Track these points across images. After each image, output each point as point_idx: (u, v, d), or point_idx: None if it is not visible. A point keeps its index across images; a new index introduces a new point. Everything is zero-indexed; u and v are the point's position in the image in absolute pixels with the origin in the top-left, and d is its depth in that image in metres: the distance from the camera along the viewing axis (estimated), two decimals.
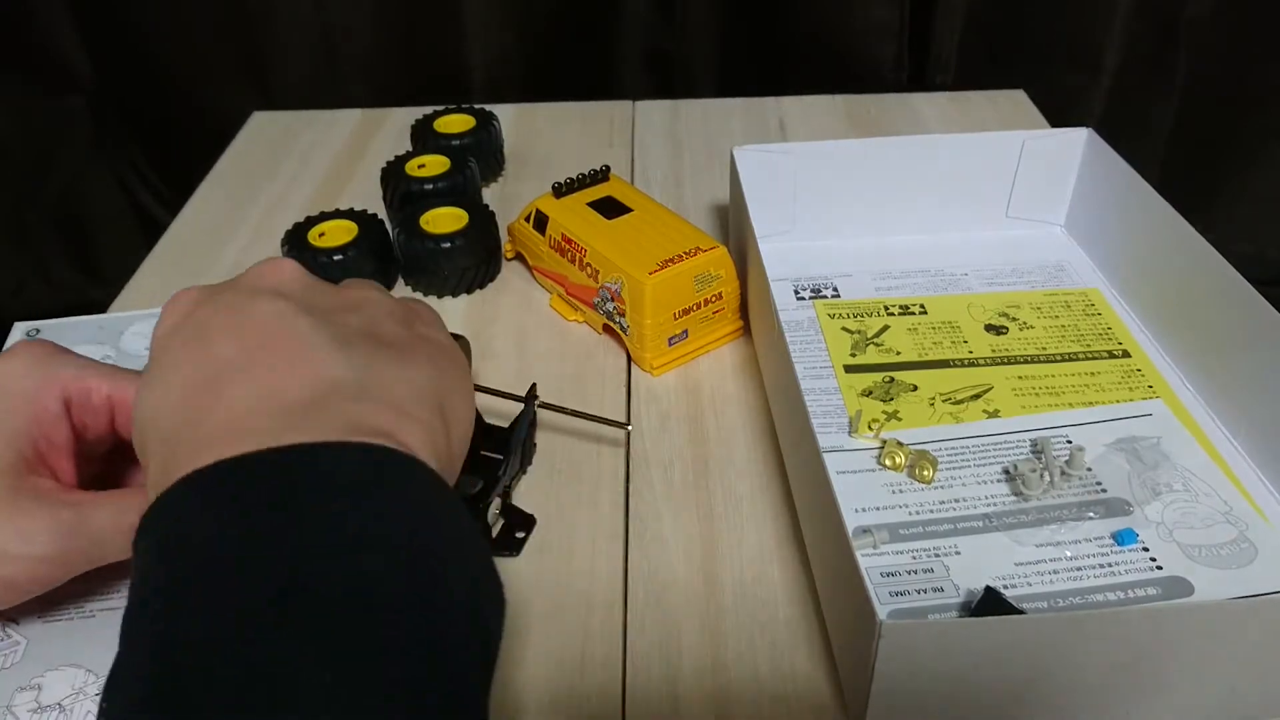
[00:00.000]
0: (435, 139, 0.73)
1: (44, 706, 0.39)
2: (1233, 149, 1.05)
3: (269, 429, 0.27)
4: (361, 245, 0.60)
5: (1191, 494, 0.47)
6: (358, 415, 0.28)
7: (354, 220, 0.62)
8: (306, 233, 0.61)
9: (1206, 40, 0.97)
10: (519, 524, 0.47)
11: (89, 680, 0.39)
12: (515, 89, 0.97)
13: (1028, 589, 0.43)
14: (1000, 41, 0.97)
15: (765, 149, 0.62)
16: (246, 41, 0.97)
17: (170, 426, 0.29)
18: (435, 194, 0.65)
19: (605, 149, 0.81)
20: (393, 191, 0.66)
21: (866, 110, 0.85)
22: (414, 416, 0.30)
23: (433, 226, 0.62)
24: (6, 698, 0.39)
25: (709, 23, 0.97)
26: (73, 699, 0.39)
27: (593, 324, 0.60)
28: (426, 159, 0.68)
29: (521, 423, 0.48)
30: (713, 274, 0.56)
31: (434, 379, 0.32)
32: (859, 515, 0.46)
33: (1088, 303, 0.60)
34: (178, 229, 0.72)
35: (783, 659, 0.41)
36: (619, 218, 0.59)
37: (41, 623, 0.41)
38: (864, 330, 0.58)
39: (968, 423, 0.52)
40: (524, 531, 0.46)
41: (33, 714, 0.38)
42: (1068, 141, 0.64)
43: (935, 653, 0.34)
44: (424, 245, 0.61)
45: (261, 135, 0.85)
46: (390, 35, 0.97)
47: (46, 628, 0.41)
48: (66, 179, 1.05)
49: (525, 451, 0.50)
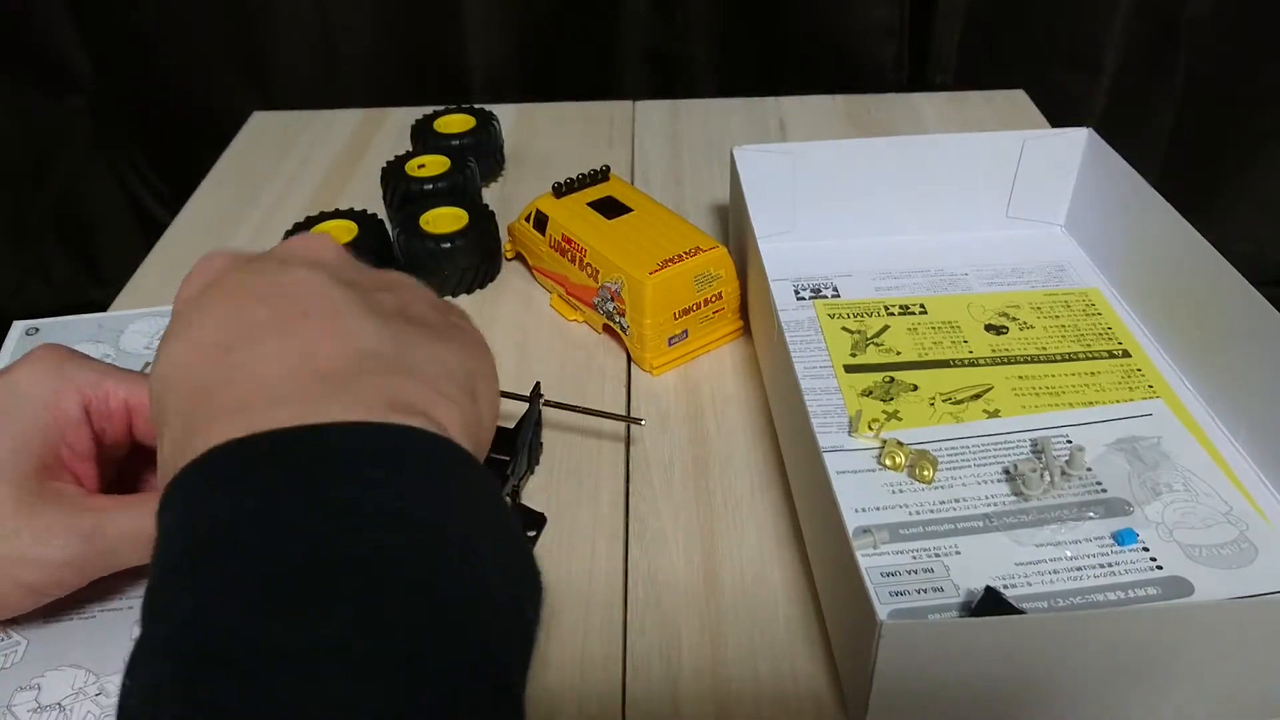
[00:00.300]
0: (435, 139, 0.73)
1: (44, 706, 0.39)
2: (1233, 149, 1.05)
3: (301, 396, 0.26)
4: (361, 245, 0.60)
5: (1192, 494, 0.47)
6: (392, 389, 0.27)
7: (354, 220, 0.62)
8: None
9: (1206, 40, 0.97)
10: (530, 523, 0.47)
11: (89, 680, 0.39)
12: (515, 89, 0.97)
13: (1028, 589, 0.43)
14: (1000, 41, 0.97)
15: (765, 149, 0.62)
16: (246, 41, 0.97)
17: (195, 385, 0.28)
18: (435, 194, 0.65)
19: (605, 149, 0.81)
20: (393, 191, 0.66)
21: (866, 110, 0.85)
22: (448, 395, 0.29)
23: (433, 226, 0.62)
24: (6, 698, 0.39)
25: (709, 23, 0.97)
26: (72, 699, 0.39)
27: (593, 324, 0.60)
28: (426, 159, 0.68)
29: (528, 422, 0.48)
30: (713, 274, 0.56)
31: (465, 362, 0.31)
32: (859, 515, 0.46)
33: (1088, 302, 0.60)
34: (178, 229, 0.72)
35: (783, 659, 0.41)
36: (619, 218, 0.59)
37: (41, 623, 0.41)
38: (864, 330, 0.58)
39: (968, 422, 0.52)
40: (535, 530, 0.46)
41: (32, 714, 0.38)
42: (1068, 142, 0.64)
43: (936, 653, 0.34)
44: (424, 245, 0.61)
45: (261, 135, 0.85)
46: (390, 35, 0.97)
47: (46, 629, 0.41)
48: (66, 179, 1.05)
49: (532, 451, 0.50)
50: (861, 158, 0.64)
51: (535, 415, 0.49)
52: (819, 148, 0.64)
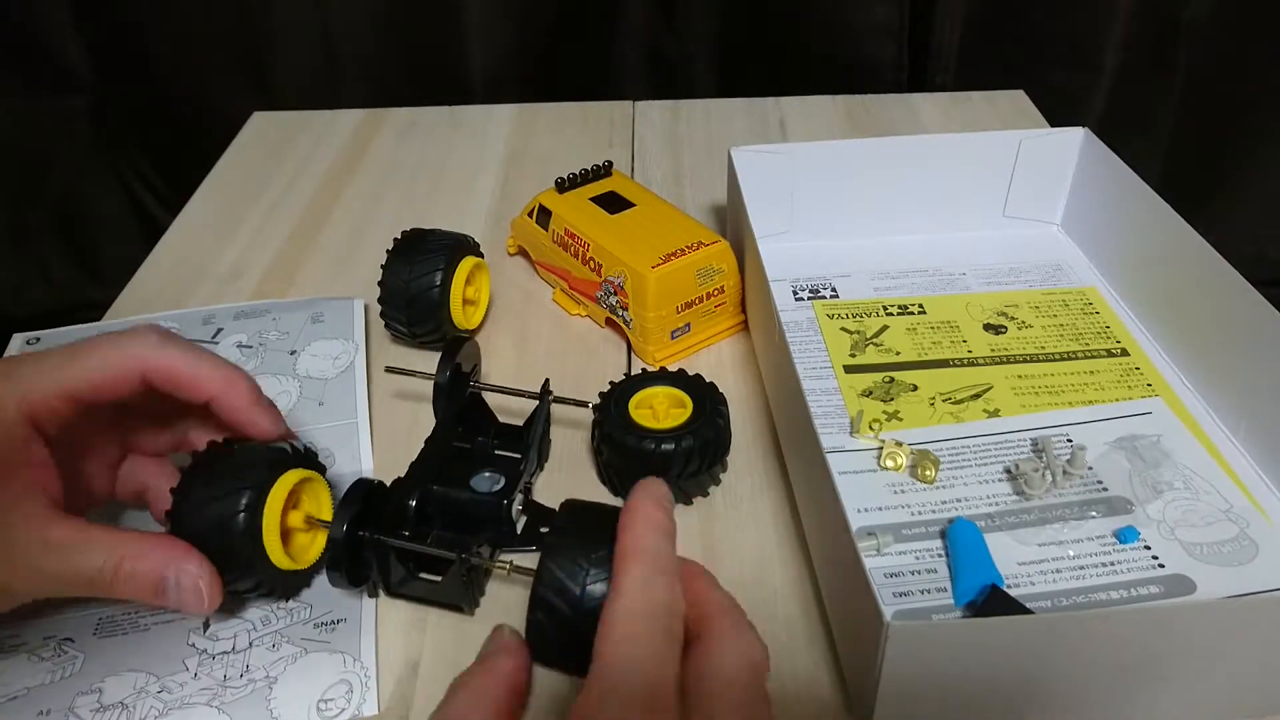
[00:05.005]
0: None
1: (106, 706, 0.39)
2: (1233, 149, 1.05)
3: None
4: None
5: (1192, 492, 0.47)
6: None
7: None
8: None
9: (1206, 40, 0.97)
10: (543, 519, 0.46)
11: (149, 681, 0.39)
12: (515, 89, 0.97)
13: (1030, 588, 0.43)
14: (1000, 41, 0.97)
15: (763, 149, 0.62)
16: (246, 41, 0.97)
17: None
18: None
19: (605, 149, 0.81)
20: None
21: (866, 110, 0.85)
22: None
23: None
24: (67, 702, 0.39)
25: (709, 23, 0.97)
26: (135, 697, 0.39)
27: (595, 318, 0.60)
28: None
29: (538, 418, 0.48)
30: (714, 268, 0.56)
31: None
32: (861, 515, 0.46)
33: (1085, 301, 0.60)
34: (178, 229, 0.72)
35: (784, 659, 0.41)
36: (622, 212, 0.59)
37: (96, 639, 0.41)
38: (863, 330, 0.58)
39: (968, 422, 0.52)
40: (548, 527, 0.46)
41: (95, 714, 0.38)
42: (1064, 141, 0.64)
43: (942, 653, 0.34)
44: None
45: (261, 135, 0.85)
46: (390, 35, 0.96)
47: (101, 643, 0.41)
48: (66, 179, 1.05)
49: (543, 447, 0.50)
50: (858, 158, 0.64)
51: (545, 412, 0.49)
52: (816, 148, 0.64)
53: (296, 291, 0.64)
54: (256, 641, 0.41)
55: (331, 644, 0.41)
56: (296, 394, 0.52)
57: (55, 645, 0.41)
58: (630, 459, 0.46)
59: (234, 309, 0.59)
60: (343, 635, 0.41)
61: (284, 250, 0.69)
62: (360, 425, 0.51)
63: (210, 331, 0.57)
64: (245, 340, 0.56)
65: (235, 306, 0.59)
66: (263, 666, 0.40)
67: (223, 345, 0.56)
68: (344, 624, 0.42)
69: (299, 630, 0.42)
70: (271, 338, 0.56)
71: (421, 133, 0.84)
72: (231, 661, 0.40)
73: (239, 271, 0.66)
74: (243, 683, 0.39)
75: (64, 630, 0.42)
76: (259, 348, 0.56)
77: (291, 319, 0.58)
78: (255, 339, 0.56)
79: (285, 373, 0.54)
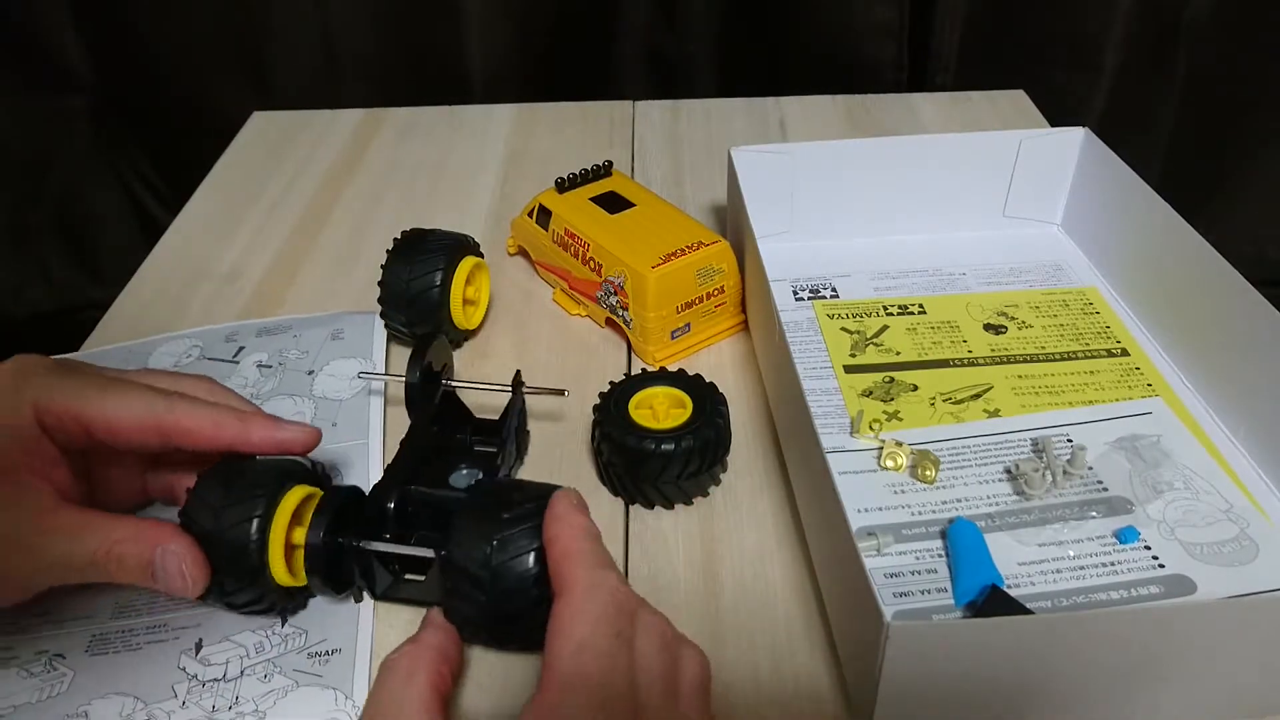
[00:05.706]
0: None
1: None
2: (1233, 149, 1.04)
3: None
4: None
5: (1192, 492, 0.47)
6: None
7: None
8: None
9: (1206, 40, 0.97)
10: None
11: (136, 707, 0.39)
12: (515, 89, 0.97)
13: (1031, 588, 0.43)
14: (1000, 41, 0.96)
15: (763, 149, 0.62)
16: (246, 41, 0.97)
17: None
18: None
19: (605, 149, 0.81)
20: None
21: (866, 110, 0.85)
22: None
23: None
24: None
25: (709, 23, 0.97)
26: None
27: (595, 318, 0.60)
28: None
29: (512, 411, 0.48)
30: (715, 268, 0.56)
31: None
32: (861, 516, 0.46)
33: (1085, 301, 0.60)
34: (178, 229, 0.72)
35: (783, 659, 0.41)
36: (622, 212, 0.59)
37: (87, 656, 0.41)
38: (863, 330, 0.58)
39: (968, 422, 0.52)
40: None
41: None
42: (1064, 141, 0.64)
43: (942, 653, 0.34)
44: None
45: (261, 135, 0.85)
46: (390, 35, 0.96)
47: (92, 660, 0.41)
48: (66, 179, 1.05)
49: (520, 440, 0.50)
50: (858, 158, 0.64)
51: (519, 404, 0.49)
52: (816, 148, 0.64)
53: (297, 291, 0.64)
54: (248, 670, 0.40)
55: (324, 678, 0.40)
56: (311, 415, 0.52)
57: (47, 661, 0.41)
58: (630, 459, 0.46)
59: (256, 325, 0.59)
60: (336, 668, 0.40)
61: (284, 250, 0.69)
62: (372, 446, 0.51)
63: (232, 350, 0.57)
64: (265, 360, 0.56)
65: (258, 323, 0.59)
66: (252, 699, 0.39)
67: (243, 364, 0.56)
68: (338, 655, 0.41)
69: (292, 660, 0.41)
70: (291, 357, 0.56)
71: (421, 133, 0.84)
72: (221, 691, 0.39)
73: (239, 271, 0.66)
74: (230, 715, 0.39)
75: (56, 645, 0.41)
76: (278, 368, 0.55)
77: (312, 335, 0.57)
78: (275, 358, 0.56)
79: (302, 393, 0.54)
